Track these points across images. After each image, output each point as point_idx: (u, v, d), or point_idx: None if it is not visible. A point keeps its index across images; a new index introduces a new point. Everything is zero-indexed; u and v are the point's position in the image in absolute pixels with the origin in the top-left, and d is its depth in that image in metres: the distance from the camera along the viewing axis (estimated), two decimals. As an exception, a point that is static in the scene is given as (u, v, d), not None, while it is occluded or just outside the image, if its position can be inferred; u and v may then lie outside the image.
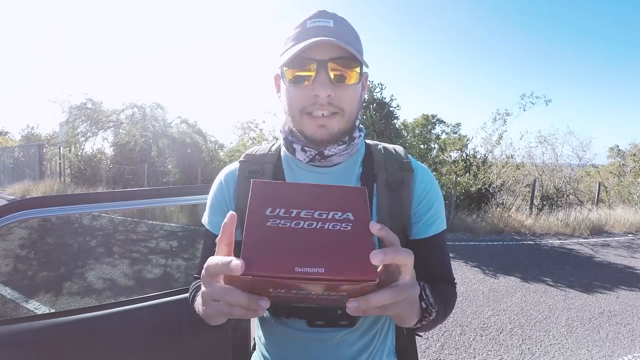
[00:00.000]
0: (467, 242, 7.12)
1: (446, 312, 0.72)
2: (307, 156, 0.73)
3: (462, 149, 11.05)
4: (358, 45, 0.71)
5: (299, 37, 0.68)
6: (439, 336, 3.22)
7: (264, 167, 0.78)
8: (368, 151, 0.80)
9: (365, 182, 0.75)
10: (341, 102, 0.68)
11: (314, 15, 0.69)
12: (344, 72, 0.67)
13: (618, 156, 14.65)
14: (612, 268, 5.70)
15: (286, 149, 0.77)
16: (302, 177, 0.76)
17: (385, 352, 0.79)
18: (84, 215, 4.28)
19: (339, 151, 0.73)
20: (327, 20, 0.68)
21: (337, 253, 0.44)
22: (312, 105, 0.68)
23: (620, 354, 3.05)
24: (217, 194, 0.80)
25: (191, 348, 1.25)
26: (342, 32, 0.68)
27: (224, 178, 0.80)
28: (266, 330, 0.79)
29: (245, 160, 0.80)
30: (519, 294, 4.33)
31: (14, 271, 3.22)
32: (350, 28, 0.71)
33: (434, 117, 15.60)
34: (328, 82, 0.66)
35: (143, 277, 3.80)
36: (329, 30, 0.67)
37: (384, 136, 8.03)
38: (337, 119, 0.69)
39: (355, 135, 0.75)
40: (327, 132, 0.69)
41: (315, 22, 0.68)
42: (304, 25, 0.68)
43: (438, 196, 0.79)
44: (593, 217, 9.27)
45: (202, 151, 11.94)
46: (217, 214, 0.79)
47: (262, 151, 0.82)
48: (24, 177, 14.58)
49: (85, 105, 12.42)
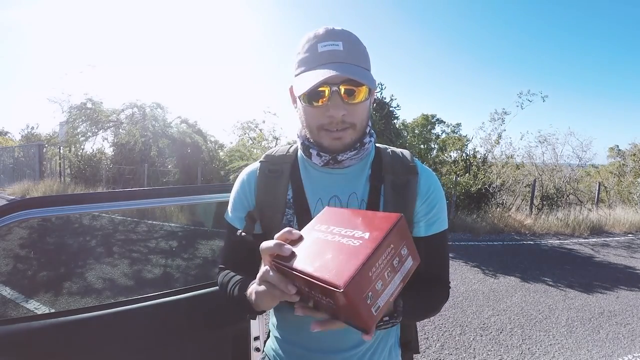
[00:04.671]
0: (467, 242, 7.12)
1: (425, 315, 0.80)
2: (322, 160, 0.80)
3: (462, 148, 11.05)
4: (366, 62, 0.77)
5: (312, 62, 0.74)
6: (439, 336, 3.22)
7: (282, 167, 0.85)
8: (377, 154, 0.86)
9: (373, 183, 0.81)
10: (353, 118, 0.75)
11: (324, 36, 0.75)
12: (354, 88, 0.73)
13: (618, 156, 14.64)
14: (612, 268, 5.70)
15: (303, 152, 0.84)
16: (317, 178, 0.83)
17: (390, 342, 0.86)
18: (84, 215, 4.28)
19: (351, 156, 0.80)
20: (336, 42, 0.74)
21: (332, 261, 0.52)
22: (329, 124, 0.75)
23: (620, 354, 3.05)
24: (239, 191, 0.87)
25: (191, 348, 1.25)
26: (351, 54, 0.74)
27: (246, 176, 0.88)
28: (280, 317, 0.88)
29: (266, 161, 0.87)
30: (519, 294, 4.33)
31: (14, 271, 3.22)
32: (358, 46, 0.76)
33: (434, 117, 15.57)
34: (341, 104, 0.73)
35: (143, 277, 3.80)
36: (339, 54, 0.73)
37: (384, 136, 8.03)
38: (349, 131, 0.77)
39: (366, 141, 0.81)
40: (341, 143, 0.77)
41: (325, 46, 0.74)
42: (315, 49, 0.74)
43: (441, 198, 0.84)
44: (593, 217, 9.27)
45: (202, 151, 11.92)
46: (239, 209, 0.86)
47: (280, 152, 0.89)
48: (24, 177, 14.58)
49: (85, 105, 12.39)
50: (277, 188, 0.83)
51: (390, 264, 0.53)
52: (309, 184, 0.83)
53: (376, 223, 0.56)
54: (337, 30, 0.76)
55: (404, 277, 0.55)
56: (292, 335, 0.85)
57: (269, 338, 0.94)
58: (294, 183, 0.83)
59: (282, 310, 0.87)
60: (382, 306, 0.52)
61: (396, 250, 0.54)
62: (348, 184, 0.81)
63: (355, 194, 0.81)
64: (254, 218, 0.83)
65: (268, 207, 0.83)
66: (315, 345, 0.81)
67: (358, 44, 0.76)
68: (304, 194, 0.82)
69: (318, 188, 0.82)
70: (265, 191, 0.83)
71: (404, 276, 0.55)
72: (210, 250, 4.23)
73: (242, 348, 1.36)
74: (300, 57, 0.76)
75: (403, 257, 0.55)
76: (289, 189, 0.83)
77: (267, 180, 0.84)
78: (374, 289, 0.51)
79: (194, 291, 1.29)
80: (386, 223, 0.55)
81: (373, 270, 0.51)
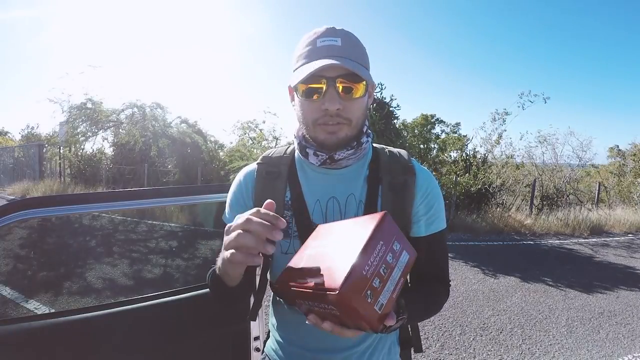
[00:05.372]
0: (467, 242, 7.11)
1: (427, 314, 0.81)
2: (318, 160, 0.80)
3: (462, 148, 11.03)
4: (364, 60, 0.77)
5: (310, 56, 0.74)
6: (439, 336, 3.22)
7: (280, 168, 0.85)
8: (375, 155, 0.86)
9: (371, 184, 0.81)
10: (349, 113, 0.75)
11: (323, 33, 0.75)
12: (351, 85, 0.74)
13: (618, 156, 14.61)
14: (612, 268, 5.70)
15: (300, 152, 0.83)
16: (315, 179, 0.83)
17: (389, 340, 0.86)
18: (84, 215, 4.27)
19: (348, 155, 0.79)
20: (334, 39, 0.74)
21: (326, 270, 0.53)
22: (323, 117, 0.75)
23: (620, 354, 3.05)
24: (237, 193, 0.87)
25: (191, 348, 1.25)
26: (349, 50, 0.74)
27: (243, 178, 0.88)
28: (280, 317, 0.88)
29: (263, 163, 0.87)
30: (519, 294, 4.33)
31: (14, 271, 3.22)
32: (356, 44, 0.77)
33: (434, 117, 15.55)
34: (336, 97, 0.73)
35: (143, 276, 3.81)
36: (337, 49, 0.73)
37: (384, 136, 8.03)
38: (345, 127, 0.76)
39: (363, 141, 0.81)
40: (336, 137, 0.76)
41: (324, 42, 0.74)
42: (314, 44, 0.75)
43: (438, 197, 0.84)
44: (593, 217, 9.26)
45: (202, 151, 11.90)
46: (237, 210, 0.85)
47: (277, 154, 0.89)
48: (24, 177, 14.58)
49: (85, 105, 12.38)
50: (275, 190, 0.83)
51: (384, 260, 0.53)
52: (307, 185, 0.83)
53: (363, 225, 0.57)
54: (337, 28, 0.76)
55: (403, 272, 0.56)
56: (292, 335, 0.85)
57: (269, 338, 0.94)
58: (292, 184, 0.83)
59: (280, 310, 0.87)
60: (385, 303, 0.52)
61: (387, 246, 0.55)
62: (346, 184, 0.82)
63: (353, 194, 0.81)
64: None
65: None
66: (315, 344, 0.81)
67: (357, 42, 0.77)
68: (302, 196, 0.82)
69: (316, 189, 0.82)
70: (263, 193, 0.83)
71: (402, 271, 0.56)
72: (210, 250, 4.23)
73: (242, 348, 1.36)
74: (299, 53, 0.77)
75: (397, 253, 0.56)
76: (287, 190, 0.83)
77: (265, 182, 0.84)
78: (371, 286, 0.51)
79: (194, 291, 1.29)
80: (371, 222, 0.56)
81: (366, 268, 0.51)
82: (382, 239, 0.54)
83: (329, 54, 0.73)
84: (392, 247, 0.55)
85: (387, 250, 0.54)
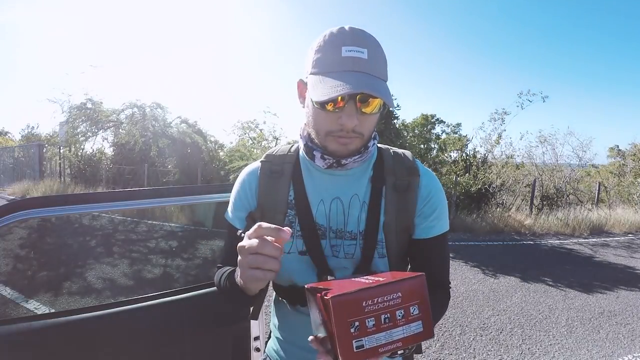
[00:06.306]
0: (467, 242, 7.11)
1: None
2: (325, 163, 0.79)
3: (462, 148, 11.03)
4: (386, 73, 0.74)
5: (333, 66, 0.70)
6: (439, 336, 3.22)
7: (283, 167, 0.84)
8: (379, 156, 0.86)
9: (375, 185, 0.81)
10: (363, 128, 0.74)
11: (350, 39, 0.70)
12: (370, 101, 0.71)
13: (618, 156, 14.61)
14: (612, 268, 5.70)
15: (306, 154, 0.82)
16: (319, 179, 0.83)
17: None
18: (84, 215, 4.27)
19: (355, 159, 0.78)
20: (361, 50, 0.70)
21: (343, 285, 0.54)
22: (339, 132, 0.73)
23: (620, 354, 3.05)
24: (240, 192, 0.86)
25: (191, 348, 1.25)
26: (373, 64, 0.70)
27: (246, 177, 0.87)
28: (282, 317, 0.88)
29: (267, 161, 0.86)
30: (519, 294, 4.33)
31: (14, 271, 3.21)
32: (380, 55, 0.73)
33: (434, 117, 15.52)
34: (354, 114, 0.70)
35: (143, 277, 3.80)
36: (363, 63, 0.69)
37: (384, 136, 8.03)
38: (357, 140, 0.75)
39: (369, 145, 0.80)
40: (347, 149, 0.76)
41: (350, 52, 0.69)
42: (339, 52, 0.70)
43: (442, 200, 0.83)
44: (593, 217, 9.26)
45: (202, 151, 11.90)
46: (240, 209, 0.86)
47: (281, 152, 0.87)
48: (24, 177, 14.58)
49: (85, 105, 12.39)
50: (278, 189, 0.82)
51: (391, 310, 0.50)
52: (311, 185, 0.82)
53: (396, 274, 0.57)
54: (363, 34, 0.72)
55: (405, 339, 0.50)
56: (293, 336, 0.85)
57: (270, 339, 0.94)
58: (295, 184, 0.82)
59: (283, 311, 0.87)
60: (367, 349, 0.48)
61: (404, 302, 0.51)
62: (350, 185, 0.81)
63: (357, 195, 0.80)
64: (255, 219, 0.83)
65: (269, 207, 0.82)
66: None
67: (381, 54, 0.74)
68: (305, 195, 0.81)
69: (320, 189, 0.82)
70: (266, 192, 0.83)
71: (406, 337, 0.51)
72: (210, 250, 4.22)
73: (242, 348, 1.36)
74: (320, 56, 0.72)
75: (410, 316, 0.51)
76: (290, 189, 0.82)
77: (269, 180, 0.84)
78: (362, 321, 0.48)
79: (194, 291, 1.29)
80: (404, 274, 0.55)
81: (368, 302, 0.49)
82: (402, 292, 0.51)
83: (354, 68, 0.69)
84: (409, 308, 0.51)
85: (401, 305, 0.51)
